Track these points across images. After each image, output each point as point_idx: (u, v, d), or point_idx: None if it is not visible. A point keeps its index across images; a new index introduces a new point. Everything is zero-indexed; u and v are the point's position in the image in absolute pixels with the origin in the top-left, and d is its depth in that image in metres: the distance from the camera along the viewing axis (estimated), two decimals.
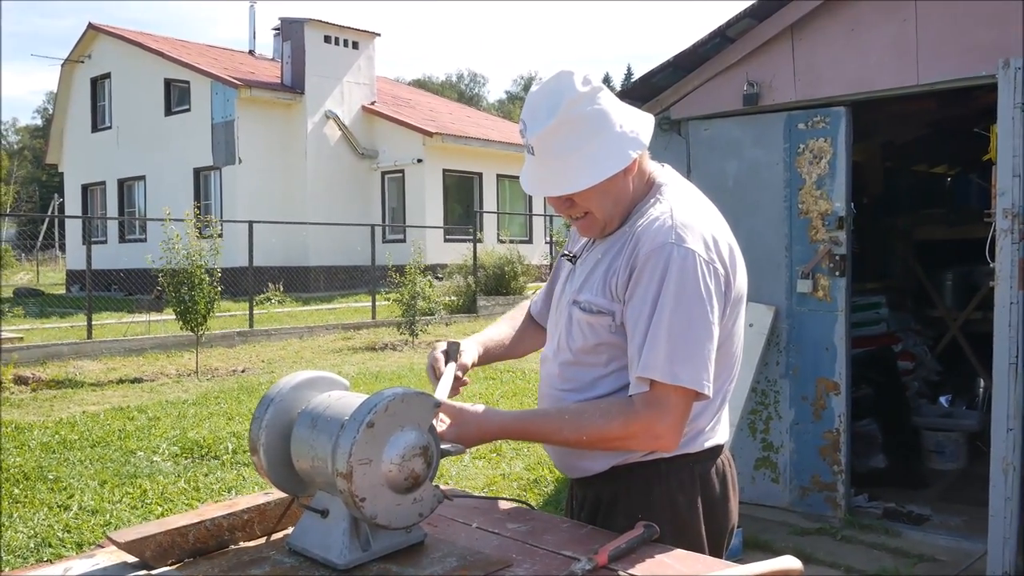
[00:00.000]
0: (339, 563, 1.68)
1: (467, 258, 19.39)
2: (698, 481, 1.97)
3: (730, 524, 2.07)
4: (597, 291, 1.92)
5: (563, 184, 1.89)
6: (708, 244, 1.84)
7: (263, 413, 1.81)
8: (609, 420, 1.84)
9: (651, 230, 1.85)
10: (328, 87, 23.74)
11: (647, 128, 1.93)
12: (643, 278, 1.83)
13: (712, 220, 1.92)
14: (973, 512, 5.22)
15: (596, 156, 1.85)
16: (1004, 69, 3.89)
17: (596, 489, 2.02)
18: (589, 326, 1.94)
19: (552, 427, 1.92)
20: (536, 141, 1.87)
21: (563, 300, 2.07)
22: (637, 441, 1.86)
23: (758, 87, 5.17)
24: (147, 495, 5.67)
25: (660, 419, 1.80)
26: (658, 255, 1.81)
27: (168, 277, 10.73)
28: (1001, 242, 3.88)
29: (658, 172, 2.01)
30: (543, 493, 5.78)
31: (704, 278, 1.80)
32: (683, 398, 1.81)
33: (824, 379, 5.11)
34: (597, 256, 1.98)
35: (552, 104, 1.84)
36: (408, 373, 10.65)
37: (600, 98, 1.87)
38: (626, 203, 1.94)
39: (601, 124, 1.86)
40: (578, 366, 1.99)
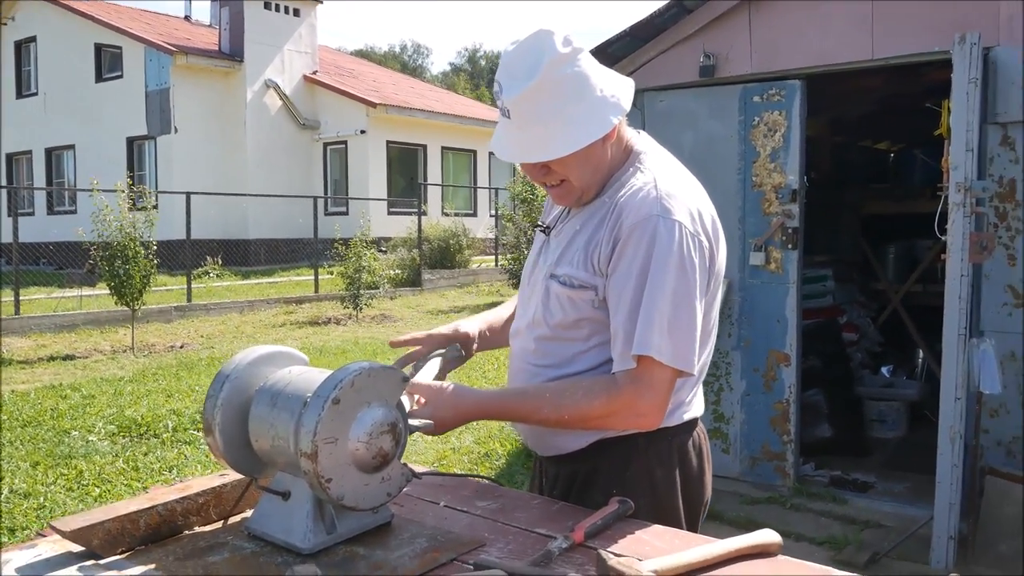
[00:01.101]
0: (303, 547, 1.60)
1: (411, 231, 19.21)
2: (676, 455, 1.92)
3: (705, 497, 2.03)
4: (578, 264, 1.84)
5: (541, 150, 1.80)
6: (693, 216, 1.78)
7: (218, 391, 1.71)
8: (592, 398, 1.77)
9: (635, 201, 1.77)
10: (268, 55, 23.20)
11: (628, 93, 1.84)
12: (627, 251, 1.75)
13: (695, 191, 1.85)
14: (915, 479, 5.33)
15: (576, 121, 1.76)
16: (960, 45, 3.90)
17: (571, 466, 1.96)
18: (569, 300, 1.86)
19: (531, 406, 1.84)
20: (513, 104, 1.76)
21: (537, 272, 1.99)
22: (619, 419, 1.80)
23: (714, 59, 5.13)
24: (83, 476, 5.49)
25: (644, 397, 1.74)
26: (643, 227, 1.74)
27: (101, 250, 10.38)
28: (953, 215, 3.90)
29: (635, 139, 1.93)
30: (495, 467, 5.73)
31: (690, 252, 1.74)
32: (668, 375, 1.75)
33: (775, 351, 5.13)
34: (575, 227, 1.90)
35: (531, 65, 1.73)
36: (353, 347, 10.51)
37: (580, 60, 1.77)
38: (604, 171, 1.86)
39: (581, 88, 1.76)
40: (556, 341, 1.91)
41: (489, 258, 22.45)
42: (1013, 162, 4.34)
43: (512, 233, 16.97)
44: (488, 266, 20.89)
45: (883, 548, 4.26)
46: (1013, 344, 4.34)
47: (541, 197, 16.01)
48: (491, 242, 23.00)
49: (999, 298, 4.40)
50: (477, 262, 21.31)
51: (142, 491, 5.21)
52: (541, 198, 16.01)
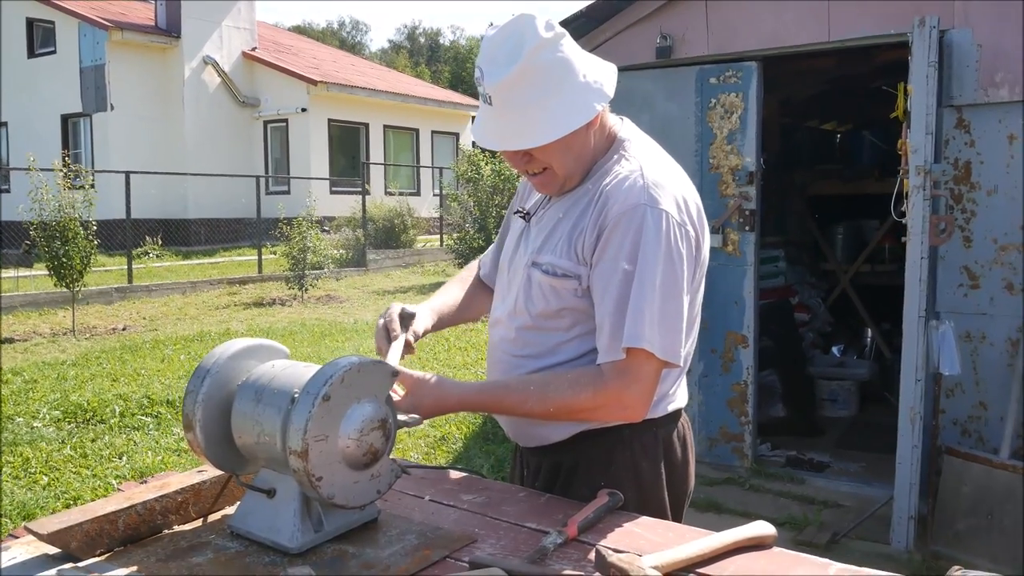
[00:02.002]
0: (291, 546, 1.55)
1: (355, 210, 19.00)
2: (661, 445, 1.91)
3: (689, 488, 2.02)
4: (561, 253, 1.81)
5: (522, 138, 1.76)
6: (680, 205, 1.75)
7: (198, 386, 1.66)
8: (578, 391, 1.75)
9: (622, 189, 1.74)
10: (206, 31, 22.66)
11: (611, 79, 1.81)
12: (614, 240, 1.72)
13: (681, 180, 1.83)
14: (869, 458, 5.43)
15: (559, 108, 1.72)
16: (920, 28, 3.93)
17: (554, 457, 1.93)
18: (552, 289, 1.83)
19: (515, 399, 1.80)
20: (495, 91, 1.72)
21: (518, 260, 1.95)
22: (605, 412, 1.78)
23: (671, 40, 5.12)
24: (30, 463, 5.33)
25: (630, 389, 1.72)
26: (630, 216, 1.71)
27: (39, 230, 10.09)
28: (913, 198, 3.95)
29: (619, 126, 1.90)
30: (452, 451, 5.70)
31: (677, 242, 1.72)
32: (655, 367, 1.73)
33: (733, 332, 5.17)
34: (558, 215, 1.86)
35: (512, 50, 1.69)
36: (300, 329, 10.37)
37: (563, 45, 1.73)
38: (587, 158, 1.83)
39: (564, 74, 1.73)
40: (538, 331, 1.87)
41: (434, 237, 22.34)
42: (968, 145, 4.40)
43: (457, 213, 16.88)
44: (433, 246, 20.79)
45: (843, 528, 4.33)
46: (968, 325, 4.43)
47: (486, 177, 15.95)
48: (436, 221, 22.87)
49: (954, 279, 4.48)
50: (422, 242, 21.18)
51: (92, 479, 5.10)
52: (486, 178, 15.95)
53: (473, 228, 15.88)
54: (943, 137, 4.43)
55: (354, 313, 11.99)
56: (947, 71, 4.36)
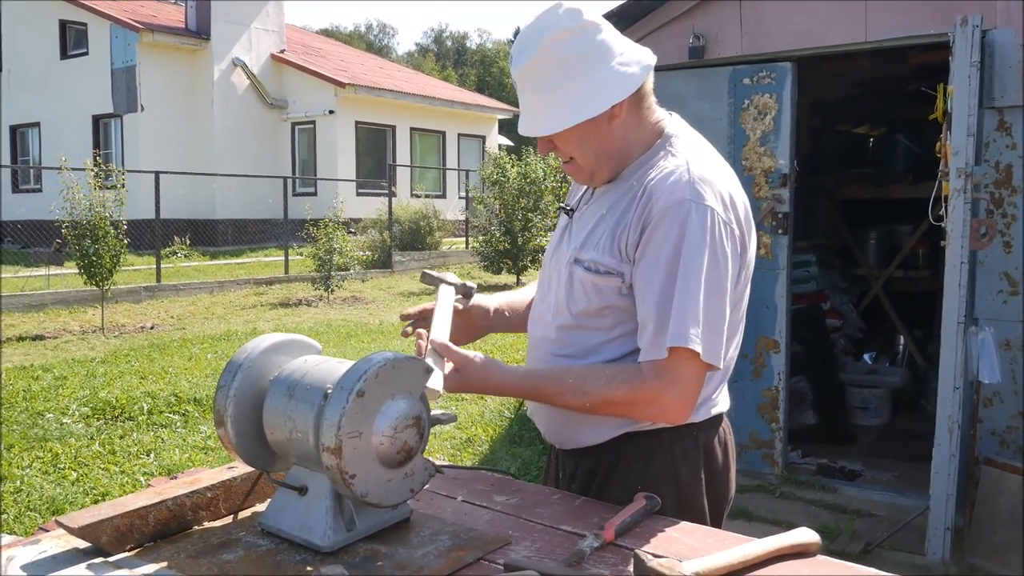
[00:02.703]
0: (323, 545, 1.52)
1: (381, 212, 19.03)
2: (701, 451, 1.86)
3: (729, 494, 1.98)
4: (604, 249, 1.76)
5: (537, 124, 1.77)
6: (726, 203, 1.70)
7: (230, 381, 1.63)
8: (614, 387, 1.71)
9: (666, 185, 1.70)
10: (235, 34, 22.81)
11: (639, 72, 1.75)
12: (657, 236, 1.68)
13: (728, 178, 1.77)
14: (902, 467, 5.34)
15: (569, 99, 1.72)
16: (962, 27, 3.85)
17: (592, 460, 1.88)
18: (595, 287, 1.78)
19: (554, 387, 1.77)
20: (517, 76, 1.76)
21: (560, 257, 1.91)
22: (643, 410, 1.74)
23: (704, 40, 5.06)
24: (59, 459, 5.35)
25: (670, 390, 1.67)
26: (675, 212, 1.66)
27: (71, 229, 10.18)
28: (954, 201, 3.87)
29: (666, 121, 1.85)
30: (478, 453, 5.66)
31: (722, 239, 1.67)
32: (697, 369, 1.67)
33: (764, 337, 5.09)
34: (601, 211, 1.82)
35: (533, 39, 1.72)
36: (326, 330, 10.38)
37: (588, 36, 1.72)
38: (615, 152, 1.79)
39: (582, 65, 1.71)
40: (580, 330, 1.83)
41: (460, 240, 22.34)
42: (1009, 147, 4.31)
43: (483, 215, 16.86)
44: (459, 248, 20.78)
45: (876, 538, 4.24)
46: (1008, 332, 4.33)
47: (511, 179, 15.92)
48: (461, 224, 22.87)
49: (994, 285, 4.38)
50: (448, 244, 21.19)
51: (121, 475, 5.11)
52: (511, 180, 15.92)
53: (499, 231, 15.86)
54: (983, 139, 4.34)
55: (379, 314, 12.00)
56: (988, 72, 4.27)
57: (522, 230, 15.65)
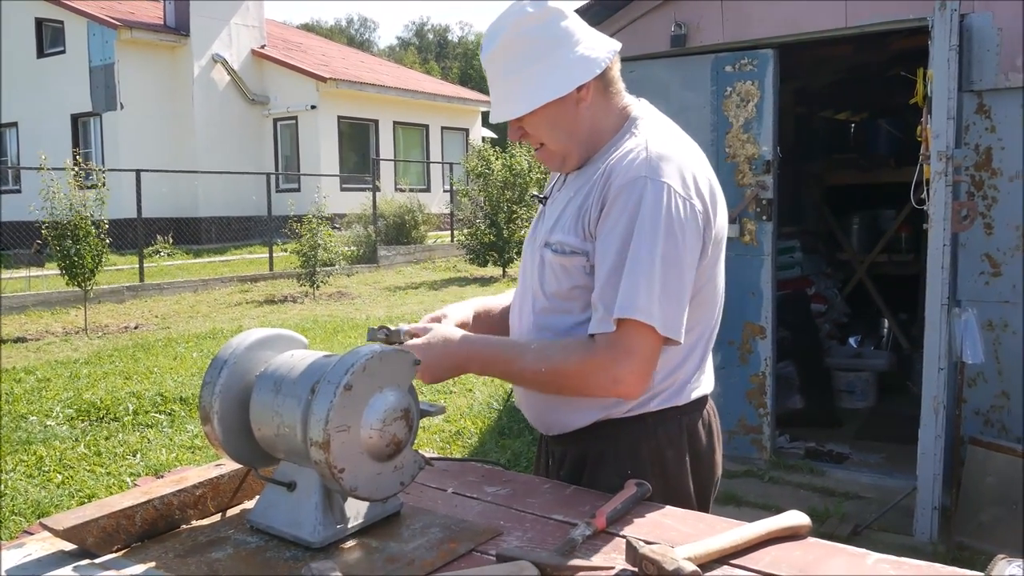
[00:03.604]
0: (312, 541, 1.51)
1: (365, 207, 18.98)
2: (685, 434, 1.86)
3: (716, 477, 1.98)
4: (569, 230, 1.79)
5: (506, 109, 1.81)
6: (685, 179, 1.70)
7: (216, 377, 1.61)
8: (567, 356, 1.73)
9: (624, 163, 1.72)
10: (215, 29, 22.66)
11: (603, 57, 1.79)
12: (613, 212, 1.70)
13: (690, 154, 1.78)
14: (889, 449, 5.37)
15: (535, 82, 1.76)
16: (940, 12, 3.86)
17: (579, 447, 1.89)
18: (562, 268, 1.80)
19: (513, 354, 1.81)
20: (486, 64, 1.82)
21: (533, 242, 1.93)
22: (595, 383, 1.72)
23: (686, 28, 5.06)
24: (44, 462, 5.31)
25: (621, 363, 1.67)
26: (630, 189, 1.68)
27: (51, 229, 10.09)
28: (935, 184, 3.88)
29: (634, 105, 1.88)
30: (467, 445, 5.66)
31: (679, 214, 1.67)
32: (651, 342, 1.67)
33: (750, 323, 5.11)
34: (569, 194, 1.85)
35: (501, 26, 1.78)
36: (312, 326, 10.35)
37: (553, 23, 1.77)
38: (584, 135, 1.82)
39: (546, 49, 1.76)
40: (553, 313, 1.84)
41: (444, 233, 22.30)
42: (989, 130, 4.34)
43: (468, 208, 16.84)
44: (444, 242, 20.76)
45: (865, 520, 4.27)
46: (990, 313, 4.36)
47: (496, 172, 15.91)
48: (446, 217, 22.84)
49: (976, 267, 4.41)
50: (433, 238, 21.16)
51: (107, 476, 5.08)
52: (496, 173, 15.90)
53: (484, 223, 15.84)
54: (963, 123, 4.36)
55: (366, 309, 11.97)
56: (967, 55, 4.29)
57: (507, 222, 15.64)
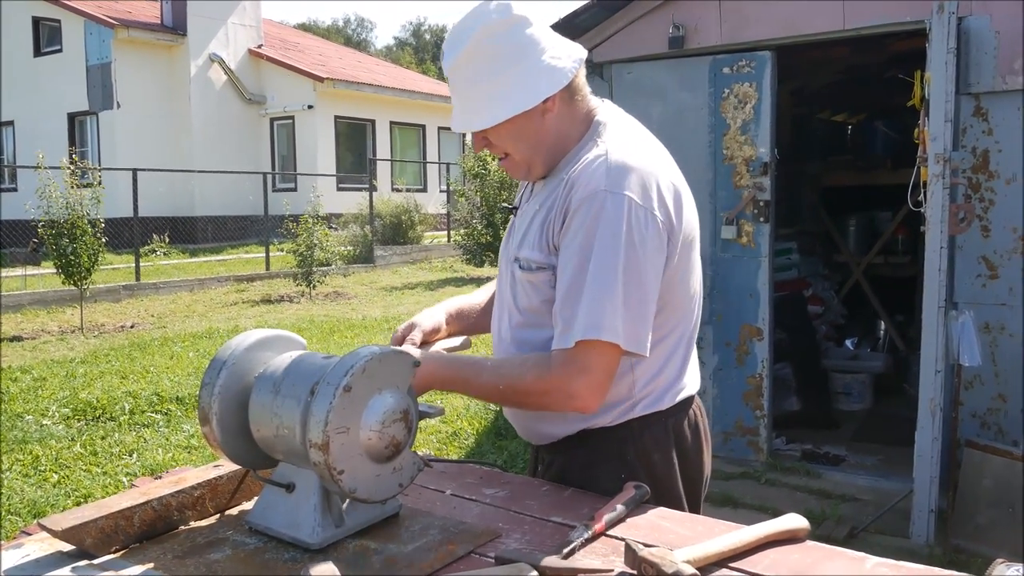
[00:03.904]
0: (311, 542, 1.51)
1: (362, 207, 18.97)
2: (672, 435, 1.86)
3: (704, 475, 1.98)
4: (535, 246, 1.77)
5: (470, 120, 1.76)
6: (646, 188, 1.67)
7: (215, 378, 1.61)
8: (524, 372, 1.72)
9: (584, 175, 1.69)
10: (212, 29, 22.64)
11: (571, 66, 1.75)
12: (573, 225, 1.68)
13: (653, 160, 1.75)
14: (886, 452, 5.38)
15: (501, 93, 1.71)
16: (938, 14, 3.87)
17: (566, 455, 1.88)
18: (531, 284, 1.79)
19: (472, 371, 1.79)
20: (449, 73, 1.75)
21: (506, 256, 1.92)
22: (552, 399, 1.72)
23: (683, 30, 5.06)
24: (40, 461, 5.30)
25: (576, 379, 1.66)
26: (590, 203, 1.65)
27: (48, 228, 10.08)
28: (932, 186, 3.89)
29: (599, 110, 1.83)
30: (464, 446, 5.66)
31: (640, 226, 1.64)
32: (607, 357, 1.66)
33: (748, 325, 5.11)
34: (535, 207, 1.82)
35: (463, 33, 1.71)
36: (309, 326, 10.34)
37: (518, 30, 1.71)
38: (549, 145, 1.79)
39: (513, 59, 1.70)
40: (529, 327, 1.83)
41: (441, 233, 22.30)
42: (986, 133, 4.34)
43: (464, 208, 16.84)
44: (440, 242, 20.75)
45: (862, 522, 4.28)
46: (987, 315, 4.37)
47: (493, 172, 15.91)
48: (443, 217, 22.83)
49: (973, 269, 4.42)
50: (429, 238, 21.15)
51: (103, 476, 5.07)
52: (493, 173, 15.90)
53: (480, 224, 15.83)
54: (961, 125, 4.37)
55: (362, 309, 11.96)
56: (965, 58, 4.30)
57: (504, 222, 15.64)
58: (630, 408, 1.81)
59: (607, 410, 1.80)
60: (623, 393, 1.80)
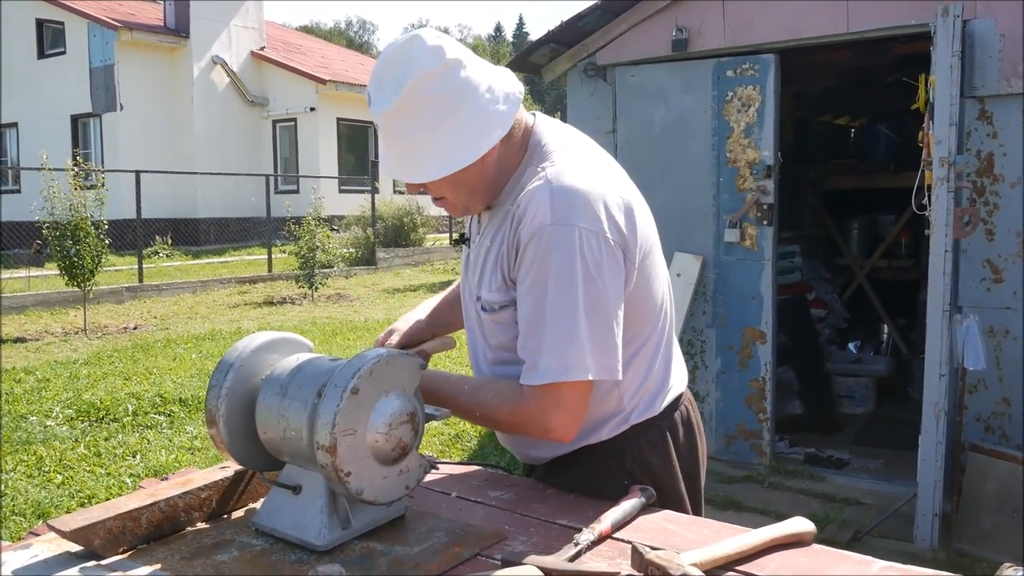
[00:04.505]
0: (318, 544, 1.51)
1: (364, 209, 18.99)
2: (668, 436, 1.86)
3: (701, 468, 1.97)
4: (494, 287, 1.74)
5: (408, 171, 1.68)
6: (595, 211, 1.61)
7: (222, 380, 1.62)
8: (500, 402, 1.70)
9: (530, 209, 1.62)
10: (215, 31, 22.69)
11: (509, 111, 1.66)
12: (525, 261, 1.63)
13: (597, 178, 1.67)
14: (888, 455, 5.37)
15: (440, 145, 1.63)
16: (943, 17, 3.86)
17: (566, 471, 1.86)
18: (497, 324, 1.77)
19: (450, 392, 1.76)
20: (380, 121, 1.64)
21: (467, 292, 1.89)
22: (527, 430, 1.72)
23: (687, 32, 5.06)
24: (44, 462, 5.30)
25: (549, 412, 1.65)
26: (538, 238, 1.60)
27: (52, 230, 10.09)
28: (937, 190, 3.89)
29: (533, 127, 1.77)
30: (466, 448, 5.66)
31: (591, 254, 1.60)
32: (576, 390, 1.65)
33: (751, 328, 5.11)
34: (486, 243, 1.78)
35: (396, 80, 1.59)
36: (311, 328, 10.34)
37: (453, 75, 1.61)
38: (488, 185, 1.74)
39: (450, 108, 1.61)
40: (504, 364, 1.80)
41: (443, 236, 22.32)
42: (991, 136, 4.34)
43: None
44: (442, 244, 20.76)
45: (865, 526, 4.27)
46: (992, 319, 4.36)
47: None
48: (445, 220, 22.85)
49: (978, 273, 4.42)
50: (431, 240, 21.16)
51: (107, 477, 5.08)
52: None
53: None
54: (965, 129, 4.37)
55: (364, 311, 11.97)
56: (969, 61, 4.30)
57: None
58: (623, 421, 1.81)
59: (600, 426, 1.80)
60: (613, 408, 1.79)
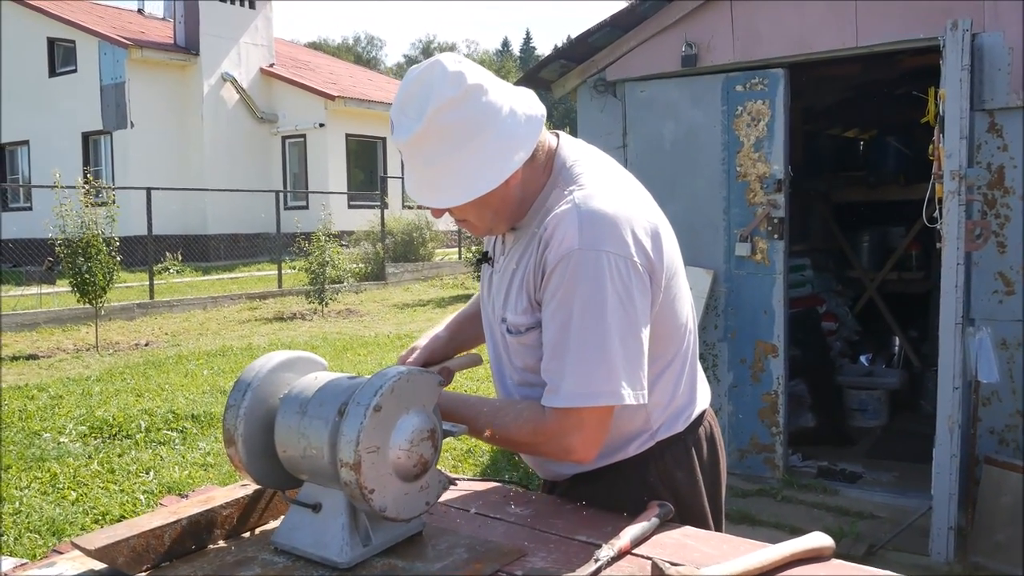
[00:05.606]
0: (340, 561, 1.52)
1: (373, 224, 19.05)
2: (692, 452, 1.87)
3: (723, 484, 1.98)
4: (518, 309, 1.75)
5: (433, 196, 1.69)
6: (622, 235, 1.62)
7: (240, 400, 1.63)
8: (520, 424, 1.71)
9: (558, 233, 1.63)
10: (224, 48, 22.84)
11: (532, 132, 1.68)
12: (551, 286, 1.64)
13: (624, 202, 1.68)
14: (902, 468, 5.36)
15: (464, 171, 1.64)
16: (952, 31, 3.88)
17: (588, 486, 1.87)
18: (523, 346, 1.78)
19: (469, 414, 1.76)
20: (403, 148, 1.66)
21: (490, 312, 1.90)
22: (547, 450, 1.74)
23: (696, 48, 5.09)
24: (58, 479, 5.32)
25: (571, 434, 1.66)
26: (565, 262, 1.61)
27: (64, 247, 10.15)
28: (948, 203, 3.89)
29: (558, 148, 1.77)
30: (479, 463, 5.66)
31: (621, 279, 1.61)
32: (598, 413, 1.65)
33: (762, 342, 5.11)
34: (512, 265, 1.79)
35: (419, 108, 1.61)
36: (321, 343, 10.37)
37: (474, 100, 1.62)
38: (514, 206, 1.75)
39: (472, 133, 1.62)
40: (529, 386, 1.81)
41: (452, 250, 22.35)
42: (1001, 149, 4.35)
43: None
44: (452, 259, 20.80)
45: (880, 540, 4.26)
46: (1004, 332, 4.36)
47: None
48: (454, 234, 22.89)
49: (990, 286, 4.41)
50: (441, 255, 21.19)
51: (120, 494, 5.09)
52: None
53: None
54: (975, 142, 4.37)
55: (374, 327, 11.99)
56: (978, 74, 4.31)
57: None
58: (650, 438, 1.82)
59: (627, 444, 1.81)
60: (640, 425, 1.80)
